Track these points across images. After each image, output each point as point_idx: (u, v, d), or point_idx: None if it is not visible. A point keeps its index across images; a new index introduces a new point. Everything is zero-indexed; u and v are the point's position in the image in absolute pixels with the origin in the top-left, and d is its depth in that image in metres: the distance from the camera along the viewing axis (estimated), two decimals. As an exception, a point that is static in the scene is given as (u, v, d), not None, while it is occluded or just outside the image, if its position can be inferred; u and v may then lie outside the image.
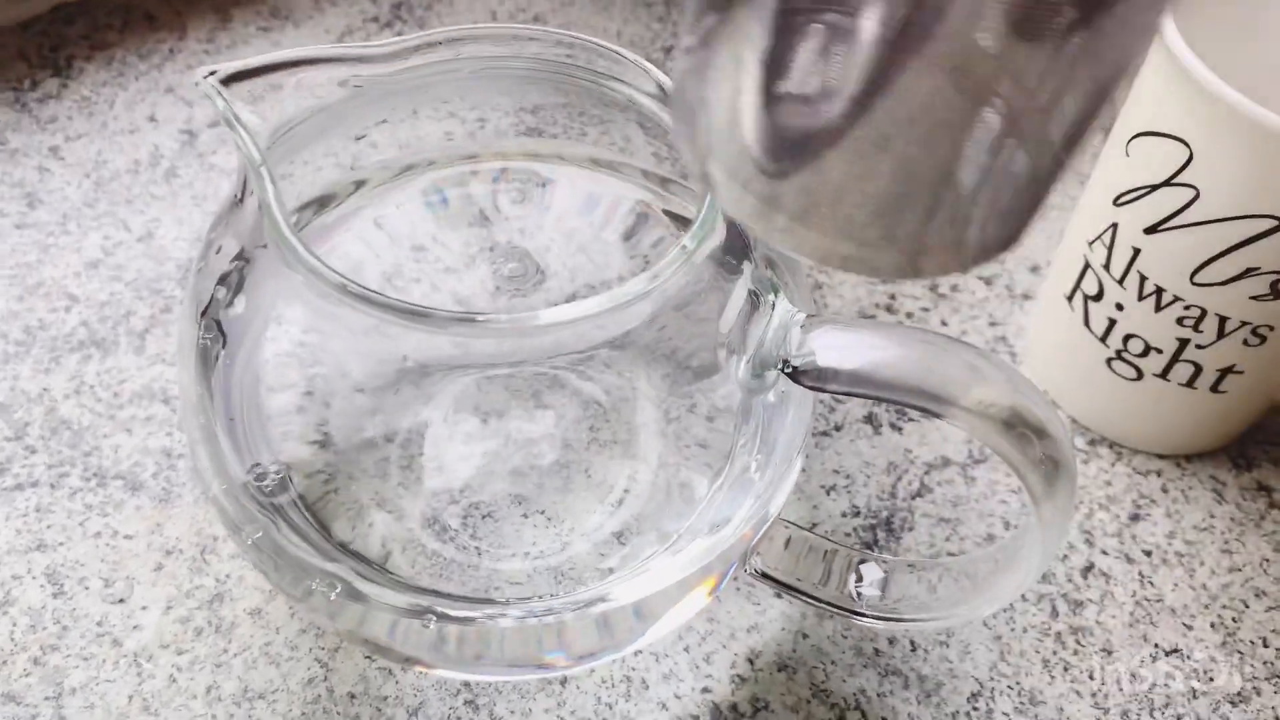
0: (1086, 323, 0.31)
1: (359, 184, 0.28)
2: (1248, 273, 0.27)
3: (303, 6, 0.43)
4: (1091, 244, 0.30)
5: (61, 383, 0.32)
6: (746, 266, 0.23)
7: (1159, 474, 0.32)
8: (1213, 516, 0.31)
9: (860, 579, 0.26)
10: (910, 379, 0.20)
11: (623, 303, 0.19)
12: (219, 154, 0.38)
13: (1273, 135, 0.24)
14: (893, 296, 0.36)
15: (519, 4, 0.44)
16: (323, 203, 0.28)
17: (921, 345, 0.20)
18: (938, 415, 0.20)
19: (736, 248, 0.23)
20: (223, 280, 0.25)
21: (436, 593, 0.24)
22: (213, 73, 0.22)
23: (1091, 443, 0.33)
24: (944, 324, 0.35)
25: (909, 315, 0.35)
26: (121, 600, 0.28)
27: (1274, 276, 0.26)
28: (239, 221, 0.23)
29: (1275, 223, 0.25)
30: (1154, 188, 0.27)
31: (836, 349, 0.21)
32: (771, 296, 0.22)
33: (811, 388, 0.21)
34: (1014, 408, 0.20)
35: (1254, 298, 0.27)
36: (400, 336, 0.23)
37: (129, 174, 0.37)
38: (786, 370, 0.21)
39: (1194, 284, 0.27)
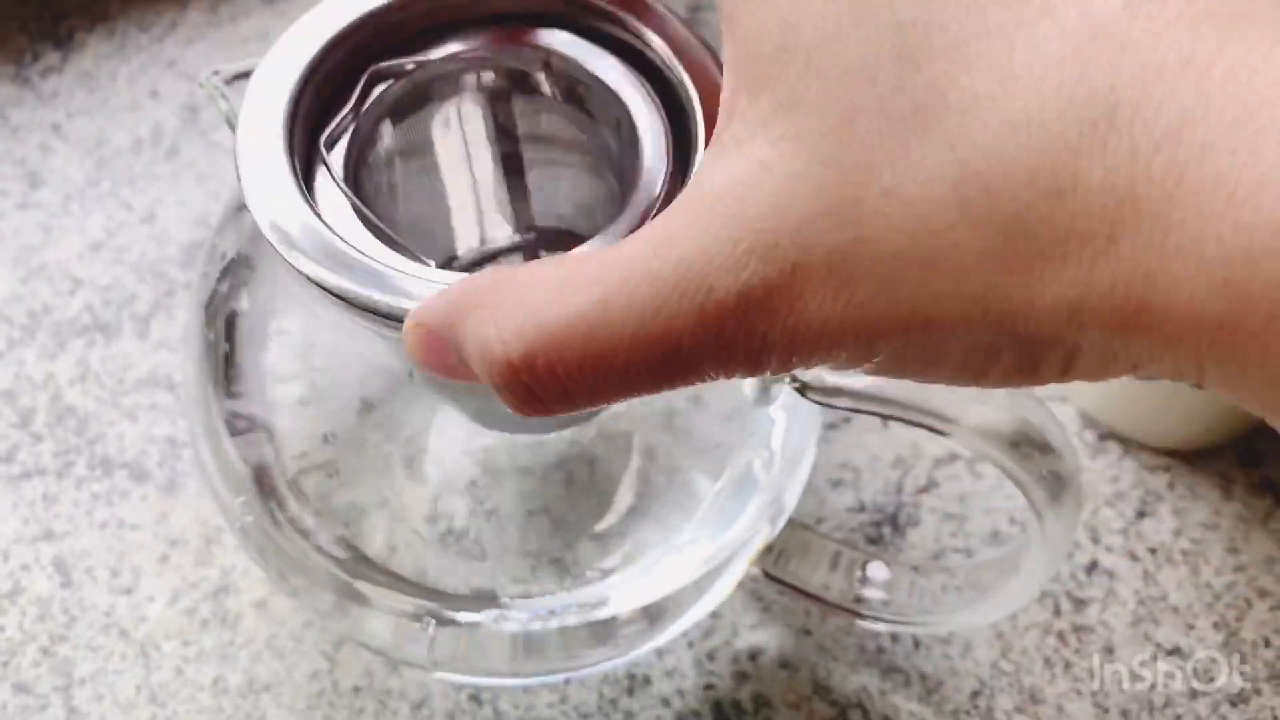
0: (1097, 319, 0.30)
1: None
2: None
3: (306, -23, 0.42)
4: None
5: (66, 368, 0.32)
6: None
7: (1167, 470, 0.32)
8: (1219, 514, 0.31)
9: (866, 580, 0.26)
10: (915, 398, 0.20)
11: None
12: (221, 132, 0.37)
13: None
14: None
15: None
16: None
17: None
18: (942, 433, 0.20)
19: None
20: (228, 278, 0.24)
21: (438, 592, 0.25)
22: (216, 73, 0.22)
23: (1101, 437, 0.32)
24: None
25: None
26: (128, 591, 0.28)
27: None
28: (243, 224, 0.23)
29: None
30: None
31: (844, 364, 0.20)
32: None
33: (818, 402, 0.21)
34: (1016, 425, 0.20)
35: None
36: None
37: (131, 152, 0.37)
38: (794, 385, 0.21)
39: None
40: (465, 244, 0.25)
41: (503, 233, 0.25)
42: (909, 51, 0.13)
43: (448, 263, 0.25)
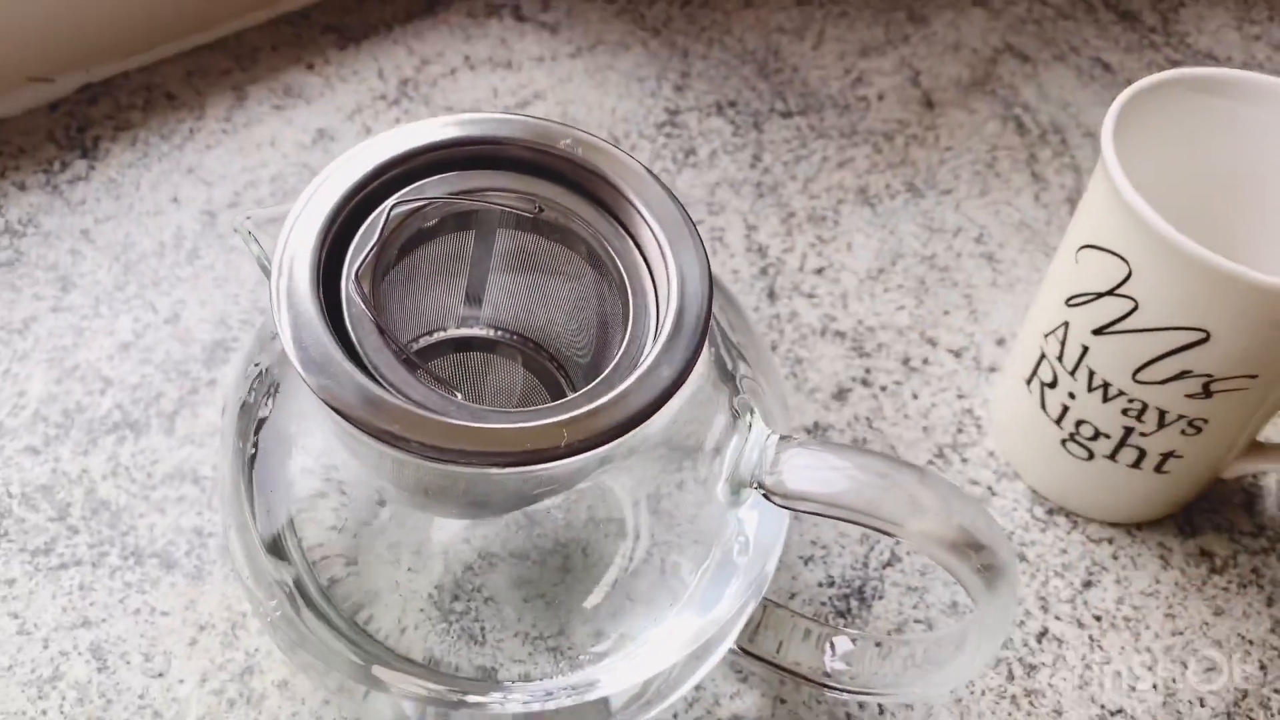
0: (1043, 406, 0.33)
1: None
2: (1182, 375, 0.29)
3: (314, 85, 0.46)
4: (1047, 336, 0.33)
5: (99, 464, 0.34)
6: (727, 388, 0.26)
7: (1110, 541, 0.35)
8: (1159, 582, 0.34)
9: (833, 652, 0.29)
10: (867, 506, 0.23)
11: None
12: (238, 236, 0.40)
13: (1197, 261, 0.27)
14: (868, 370, 0.38)
15: (520, 80, 0.47)
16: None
17: (876, 476, 0.23)
18: (890, 535, 0.23)
19: (722, 371, 0.26)
20: (259, 390, 0.27)
21: (445, 675, 0.27)
22: (249, 217, 0.25)
23: (1050, 512, 0.35)
24: (915, 396, 0.38)
25: (883, 389, 0.38)
26: (160, 674, 0.30)
27: (1205, 379, 0.29)
28: (274, 348, 0.26)
29: (1204, 335, 0.28)
30: (1099, 295, 0.30)
31: (803, 473, 0.23)
32: (749, 418, 0.25)
33: (781, 507, 0.24)
34: (953, 530, 0.23)
35: (1188, 395, 0.30)
36: (413, 466, 0.25)
37: (155, 256, 0.40)
38: (761, 491, 0.24)
39: (1136, 381, 0.30)
40: (440, 332, 0.29)
41: (474, 329, 0.29)
42: None
43: (417, 338, 0.28)
